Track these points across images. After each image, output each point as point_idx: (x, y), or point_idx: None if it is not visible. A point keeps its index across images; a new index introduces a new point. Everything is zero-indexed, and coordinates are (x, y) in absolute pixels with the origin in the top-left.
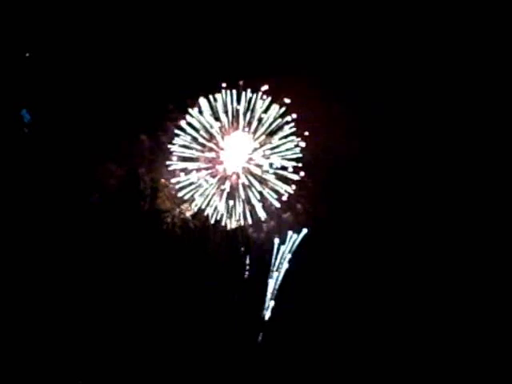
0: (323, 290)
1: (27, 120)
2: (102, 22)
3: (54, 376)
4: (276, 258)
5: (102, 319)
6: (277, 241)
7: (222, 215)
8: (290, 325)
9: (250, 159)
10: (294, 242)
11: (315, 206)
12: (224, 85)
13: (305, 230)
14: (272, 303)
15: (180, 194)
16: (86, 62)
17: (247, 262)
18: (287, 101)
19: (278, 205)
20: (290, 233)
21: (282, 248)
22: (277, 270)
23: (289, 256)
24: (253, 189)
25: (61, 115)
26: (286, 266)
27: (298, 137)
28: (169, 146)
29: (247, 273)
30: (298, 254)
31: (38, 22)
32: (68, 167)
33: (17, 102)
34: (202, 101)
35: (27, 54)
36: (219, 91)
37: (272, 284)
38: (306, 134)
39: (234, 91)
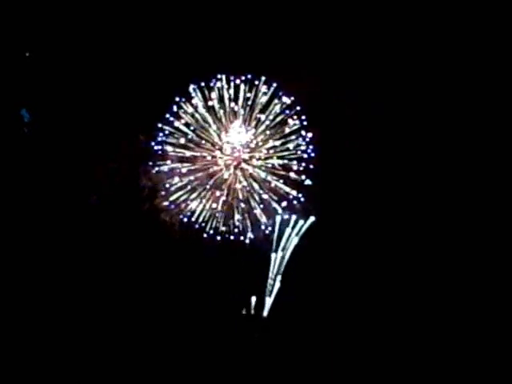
0: (322, 288)
1: (27, 119)
2: (101, 22)
3: (53, 376)
4: (280, 238)
5: (101, 319)
6: (279, 219)
7: (219, 219)
8: (290, 320)
9: (250, 158)
10: (301, 226)
11: (314, 206)
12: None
13: (312, 218)
14: (279, 278)
15: (174, 197)
16: (85, 61)
17: (245, 261)
18: (287, 101)
19: (279, 209)
20: (293, 217)
21: (288, 230)
22: (282, 250)
23: (296, 239)
24: (252, 191)
25: (60, 115)
26: (293, 243)
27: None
28: (153, 144)
29: (245, 272)
30: (295, 252)
31: (37, 21)
32: (67, 167)
33: (16, 102)
34: (196, 92)
35: (27, 54)
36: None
37: (278, 261)
38: (310, 135)
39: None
